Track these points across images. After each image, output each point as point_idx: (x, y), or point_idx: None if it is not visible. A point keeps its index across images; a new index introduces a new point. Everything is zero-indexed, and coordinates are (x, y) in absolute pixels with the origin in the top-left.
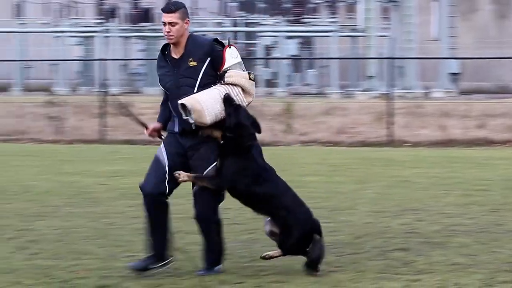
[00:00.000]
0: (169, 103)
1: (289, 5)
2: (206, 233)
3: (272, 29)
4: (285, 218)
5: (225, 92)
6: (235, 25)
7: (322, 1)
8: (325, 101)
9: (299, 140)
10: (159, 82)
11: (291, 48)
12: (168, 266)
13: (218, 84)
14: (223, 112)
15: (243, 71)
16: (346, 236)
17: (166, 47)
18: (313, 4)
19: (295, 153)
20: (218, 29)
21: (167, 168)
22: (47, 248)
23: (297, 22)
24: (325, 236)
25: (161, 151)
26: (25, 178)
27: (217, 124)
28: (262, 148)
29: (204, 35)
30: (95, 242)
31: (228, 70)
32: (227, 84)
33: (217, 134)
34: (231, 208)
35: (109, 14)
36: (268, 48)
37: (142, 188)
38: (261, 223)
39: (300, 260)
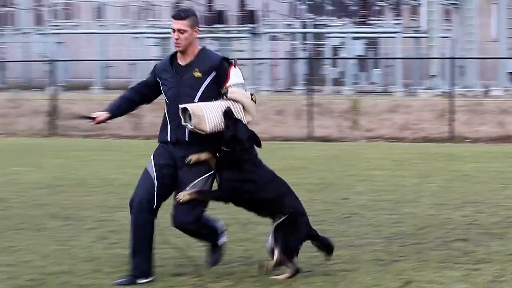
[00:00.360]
0: (165, 111)
1: (355, 8)
2: (197, 234)
3: (339, 30)
4: (290, 217)
5: (227, 106)
6: (304, 26)
7: (387, 3)
8: (390, 99)
9: (364, 136)
10: (161, 86)
11: (358, 48)
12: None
13: (220, 100)
14: (222, 124)
15: (246, 91)
16: (410, 227)
17: (175, 54)
18: (378, 7)
19: (361, 149)
20: (288, 30)
21: (155, 180)
22: (126, 238)
23: (363, 23)
24: (389, 227)
25: (151, 164)
26: (105, 171)
27: (213, 136)
28: (330, 143)
29: (275, 36)
30: (171, 232)
31: (231, 87)
32: (229, 99)
33: (205, 156)
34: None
35: None
36: (335, 49)
37: (130, 201)
38: (329, 215)
39: (368, 250)
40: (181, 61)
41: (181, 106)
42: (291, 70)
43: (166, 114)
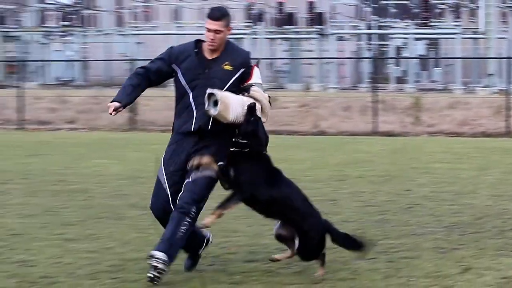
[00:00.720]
0: (190, 101)
1: (417, 10)
2: (176, 224)
3: (402, 31)
4: (299, 221)
5: (252, 101)
6: (369, 28)
7: (447, 6)
8: (450, 96)
9: (426, 131)
10: (182, 76)
11: (419, 48)
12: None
13: (241, 95)
14: (242, 118)
15: (264, 92)
16: (468, 217)
17: (198, 42)
18: (439, 9)
19: (422, 143)
20: (354, 31)
21: (167, 190)
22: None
23: (424, 25)
24: (449, 217)
25: (162, 171)
26: None
27: (231, 128)
28: (393, 138)
29: (341, 37)
30: (244, 221)
31: (252, 85)
32: (251, 97)
33: (206, 160)
34: (364, 192)
35: (257, 18)
36: (398, 49)
37: (151, 209)
38: (392, 205)
39: (429, 238)
40: (208, 55)
41: (209, 90)
42: (356, 68)
43: (192, 104)
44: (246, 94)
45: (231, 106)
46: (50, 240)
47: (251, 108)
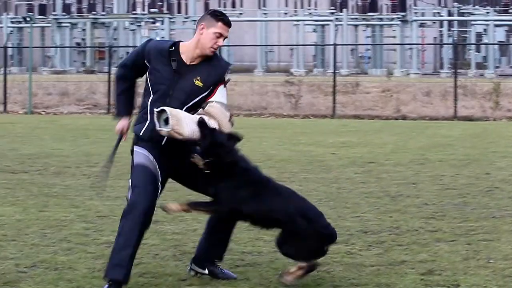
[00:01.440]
0: (146, 102)
1: None
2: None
3: (483, 18)
4: (297, 225)
5: (200, 117)
6: (450, 14)
7: None
8: None
9: (505, 116)
10: (150, 75)
11: (499, 34)
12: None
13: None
14: (197, 133)
15: (227, 111)
16: None
17: (178, 46)
18: None
19: (502, 127)
20: (435, 18)
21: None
22: None
23: (505, 12)
24: None
25: (148, 158)
26: (266, 147)
27: (188, 146)
28: (473, 122)
29: (423, 23)
30: (326, 204)
31: (213, 102)
32: (206, 112)
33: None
34: (445, 175)
35: (341, 5)
36: (479, 35)
37: (133, 204)
38: (472, 188)
39: (508, 221)
40: (187, 59)
41: (157, 109)
42: (438, 54)
43: (148, 106)
44: (200, 110)
45: (184, 120)
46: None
47: (201, 123)
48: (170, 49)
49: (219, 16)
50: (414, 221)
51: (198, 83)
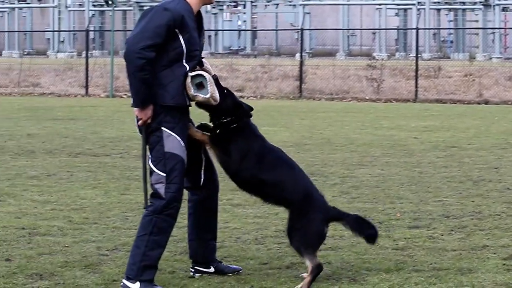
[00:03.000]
0: (185, 72)
1: None
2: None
3: None
4: (301, 203)
5: (213, 74)
6: None
7: None
8: None
9: None
10: (184, 40)
11: None
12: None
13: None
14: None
15: None
16: None
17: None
18: None
19: None
20: None
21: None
22: (366, 193)
23: None
24: None
25: (183, 147)
26: (348, 131)
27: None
28: None
29: (506, 7)
30: (408, 188)
31: (203, 58)
32: (204, 70)
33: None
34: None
35: None
36: None
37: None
38: None
39: None
40: (195, 19)
41: (191, 74)
42: None
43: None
44: (198, 68)
45: (213, 83)
46: (219, 205)
47: (218, 80)
48: (191, 11)
49: None
50: (496, 205)
51: (203, 40)
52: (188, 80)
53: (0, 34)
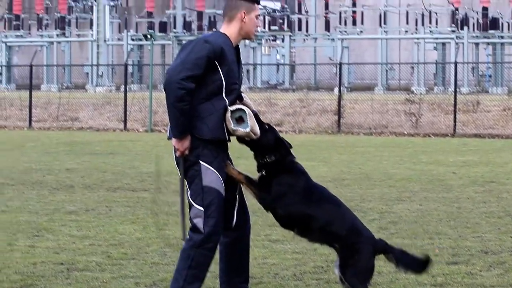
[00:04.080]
0: (224, 105)
1: None
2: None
3: None
4: (350, 237)
5: (252, 109)
6: None
7: None
8: None
9: None
10: (223, 73)
11: None
12: None
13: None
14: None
15: None
16: None
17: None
18: None
19: None
20: None
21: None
22: (404, 229)
23: None
24: None
25: (221, 181)
26: (387, 166)
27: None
28: None
29: None
30: (447, 223)
31: (242, 92)
32: (245, 104)
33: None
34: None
35: (462, 23)
36: None
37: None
38: None
39: None
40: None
41: (231, 108)
42: None
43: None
44: (238, 102)
45: (253, 118)
46: (257, 240)
47: (257, 115)
48: (230, 44)
49: None
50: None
51: (241, 73)
52: (228, 114)
53: (38, 68)
